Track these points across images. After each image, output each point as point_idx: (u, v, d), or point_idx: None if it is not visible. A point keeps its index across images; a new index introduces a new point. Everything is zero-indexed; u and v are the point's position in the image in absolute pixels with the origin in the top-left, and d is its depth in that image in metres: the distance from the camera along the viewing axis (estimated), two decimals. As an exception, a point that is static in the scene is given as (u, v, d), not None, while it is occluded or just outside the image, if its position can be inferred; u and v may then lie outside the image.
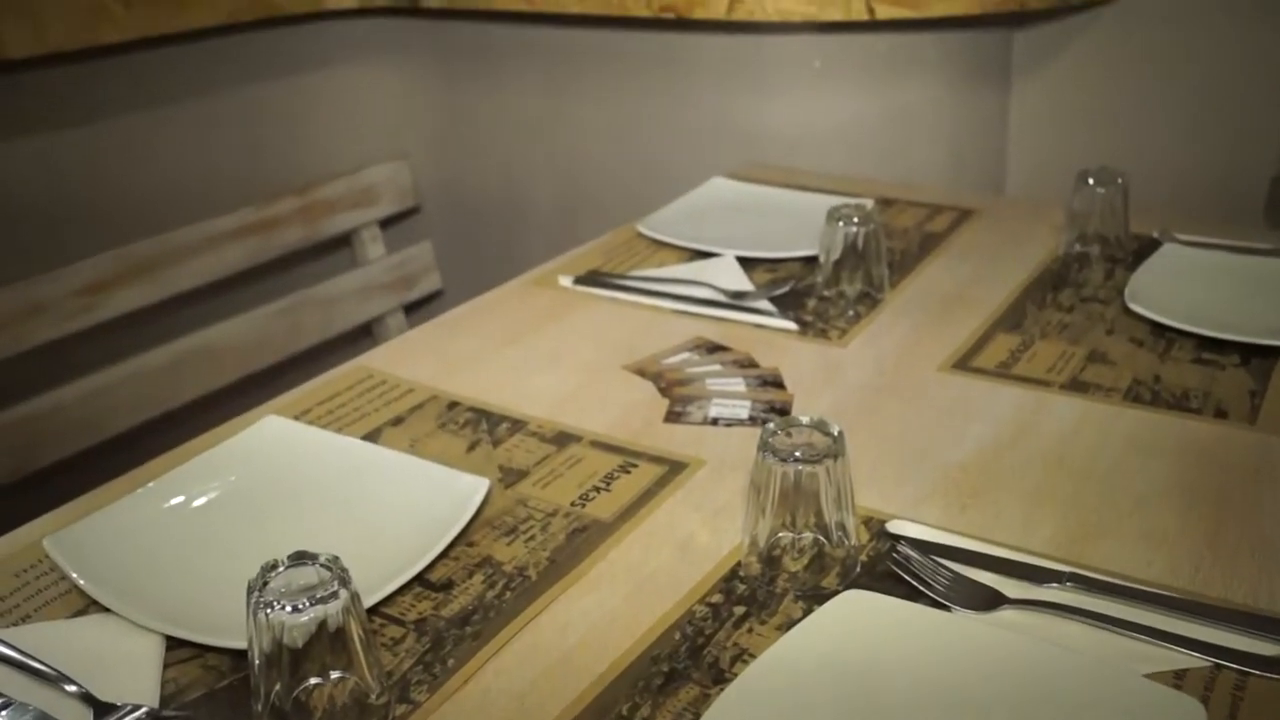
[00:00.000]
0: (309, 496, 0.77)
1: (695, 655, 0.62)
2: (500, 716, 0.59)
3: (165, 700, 0.60)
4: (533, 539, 0.73)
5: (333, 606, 0.55)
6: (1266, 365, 0.91)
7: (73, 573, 0.68)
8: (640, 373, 0.95)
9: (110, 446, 1.33)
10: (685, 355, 0.98)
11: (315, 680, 0.57)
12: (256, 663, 0.56)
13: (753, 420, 0.87)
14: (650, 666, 0.62)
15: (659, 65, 1.65)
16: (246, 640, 0.56)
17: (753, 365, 0.96)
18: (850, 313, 1.04)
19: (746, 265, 1.14)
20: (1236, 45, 1.47)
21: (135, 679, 0.61)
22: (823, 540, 0.67)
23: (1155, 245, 1.12)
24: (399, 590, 0.67)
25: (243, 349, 1.48)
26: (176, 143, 1.61)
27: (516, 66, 1.77)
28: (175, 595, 0.67)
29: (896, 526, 0.72)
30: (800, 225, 1.21)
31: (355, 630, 0.57)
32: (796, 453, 0.65)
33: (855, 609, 0.63)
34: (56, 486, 0.86)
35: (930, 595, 0.65)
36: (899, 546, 0.69)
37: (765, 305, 1.05)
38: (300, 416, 0.88)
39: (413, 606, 0.67)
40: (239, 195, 1.55)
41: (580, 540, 0.73)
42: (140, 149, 1.57)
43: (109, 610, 0.66)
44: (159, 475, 0.78)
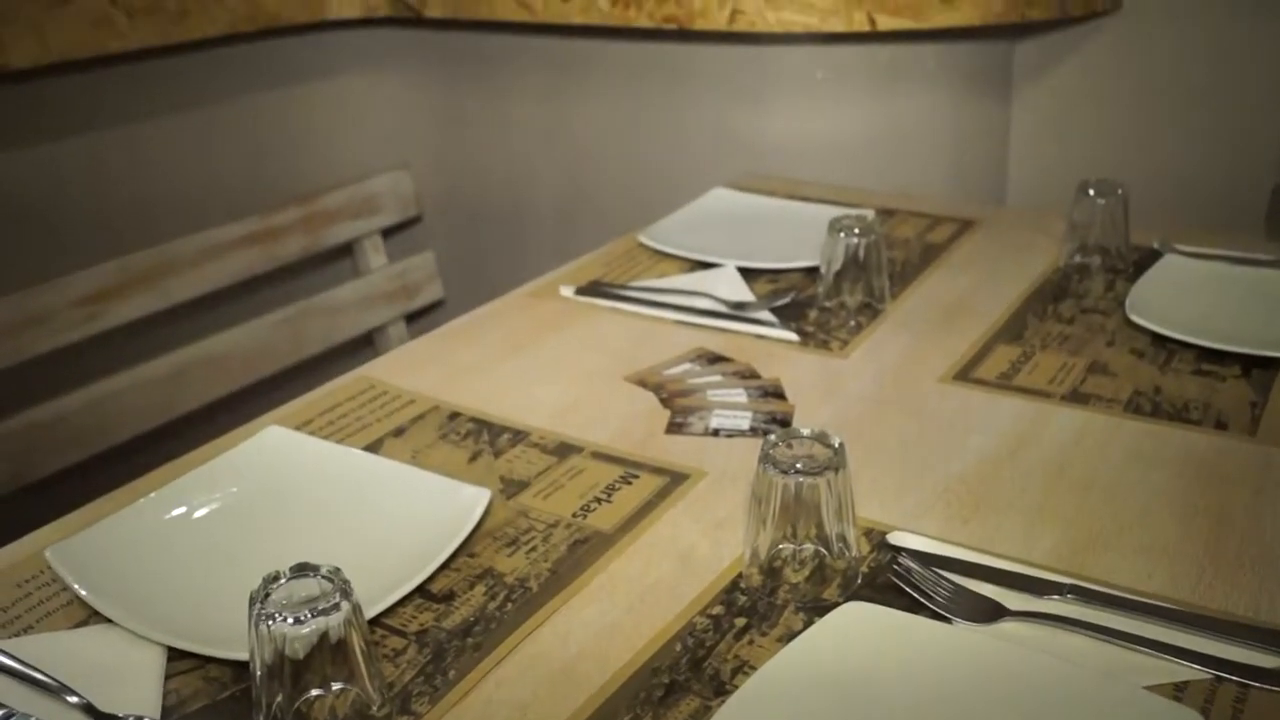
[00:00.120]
0: (311, 507, 0.77)
1: (696, 667, 0.62)
2: (501, 728, 0.59)
3: (167, 711, 0.60)
4: (534, 550, 0.73)
5: (334, 618, 0.56)
6: (1267, 377, 0.91)
7: (75, 584, 0.68)
8: (641, 383, 0.95)
9: (112, 456, 1.33)
10: (686, 366, 0.98)
11: (317, 692, 0.57)
12: (258, 674, 0.56)
13: (754, 431, 0.87)
14: (651, 678, 0.62)
15: (661, 76, 1.66)
16: (248, 651, 0.56)
17: (754, 376, 0.96)
18: (851, 323, 1.04)
19: (748, 276, 1.15)
20: (1236, 56, 1.47)
21: (137, 690, 0.61)
22: (824, 552, 0.67)
23: (1156, 256, 1.12)
24: (400, 601, 0.68)
25: (244, 359, 1.48)
26: (179, 152, 1.61)
27: (519, 76, 1.78)
28: (177, 606, 0.67)
29: (897, 538, 0.72)
30: (801, 236, 1.21)
31: (357, 641, 0.57)
32: (797, 464, 0.65)
33: (856, 621, 0.63)
34: (58, 496, 0.86)
35: (931, 607, 0.65)
36: (900, 558, 0.69)
37: (766, 316, 1.06)
38: (302, 427, 0.88)
39: (414, 618, 0.67)
40: (241, 205, 1.55)
41: (581, 551, 0.73)
42: (143, 159, 1.57)
43: (111, 621, 0.66)
44: (161, 485, 0.78)
